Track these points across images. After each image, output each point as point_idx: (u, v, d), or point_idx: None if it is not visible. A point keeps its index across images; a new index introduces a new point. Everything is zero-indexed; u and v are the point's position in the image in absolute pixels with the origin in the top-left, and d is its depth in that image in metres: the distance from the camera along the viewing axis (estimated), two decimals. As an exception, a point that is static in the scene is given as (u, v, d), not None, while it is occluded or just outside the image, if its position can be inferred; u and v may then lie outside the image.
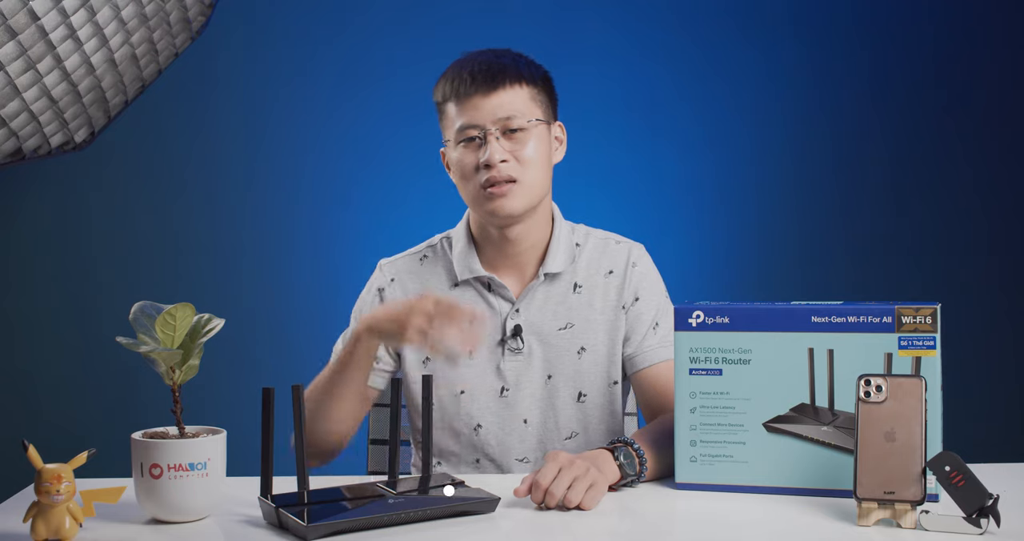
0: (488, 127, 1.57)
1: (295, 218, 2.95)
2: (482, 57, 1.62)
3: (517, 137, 1.59)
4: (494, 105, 1.58)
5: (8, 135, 2.29)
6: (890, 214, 3.05)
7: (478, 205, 1.61)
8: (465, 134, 1.59)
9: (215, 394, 2.59)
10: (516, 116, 1.58)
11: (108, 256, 2.91)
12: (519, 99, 1.59)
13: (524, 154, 1.58)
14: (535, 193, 1.61)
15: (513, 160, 1.58)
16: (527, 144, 1.59)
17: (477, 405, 1.65)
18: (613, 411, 1.68)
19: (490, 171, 1.57)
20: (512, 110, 1.58)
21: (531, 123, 1.59)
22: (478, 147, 1.58)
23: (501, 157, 1.57)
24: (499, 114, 1.58)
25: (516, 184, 1.58)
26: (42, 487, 1.14)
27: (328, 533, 1.18)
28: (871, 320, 1.32)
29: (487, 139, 1.57)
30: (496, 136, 1.57)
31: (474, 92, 1.58)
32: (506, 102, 1.58)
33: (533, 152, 1.59)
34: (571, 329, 1.66)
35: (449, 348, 1.40)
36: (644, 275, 1.69)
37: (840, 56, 3.03)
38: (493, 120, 1.57)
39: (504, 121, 1.58)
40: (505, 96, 1.58)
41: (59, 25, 2.11)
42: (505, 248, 1.66)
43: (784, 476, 1.35)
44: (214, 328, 1.27)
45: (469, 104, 1.58)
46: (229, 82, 2.93)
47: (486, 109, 1.58)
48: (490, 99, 1.58)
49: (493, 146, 1.57)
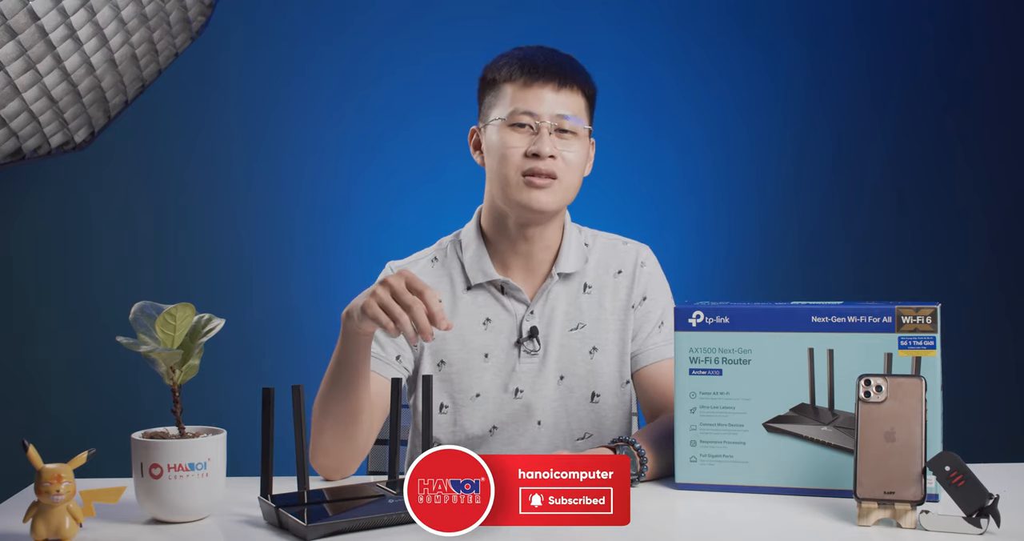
0: (545, 120, 1.58)
1: (295, 218, 2.95)
2: (554, 53, 1.63)
3: (567, 138, 1.59)
4: (558, 101, 1.59)
5: (8, 135, 2.29)
6: (890, 214, 3.05)
7: (511, 192, 1.59)
8: (519, 119, 1.58)
9: (215, 394, 2.60)
10: (573, 118, 1.60)
11: (108, 256, 2.91)
12: (579, 104, 1.61)
13: (569, 156, 1.59)
14: (569, 195, 1.62)
15: (560, 158, 1.58)
16: (573, 148, 1.59)
17: (492, 407, 1.65)
18: (625, 411, 1.68)
19: (536, 161, 1.57)
20: (573, 111, 1.60)
21: (583, 129, 1.61)
22: (528, 134, 1.58)
23: (551, 151, 1.57)
24: (559, 111, 1.59)
25: (556, 181, 1.58)
26: (42, 487, 1.14)
27: (328, 533, 1.19)
28: (871, 320, 1.32)
29: (540, 130, 1.58)
30: (550, 130, 1.58)
31: (544, 82, 1.59)
32: (569, 102, 1.60)
33: (576, 157, 1.60)
34: (582, 329, 1.66)
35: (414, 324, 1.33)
36: (652, 275, 1.70)
37: (840, 56, 3.03)
38: (552, 115, 1.58)
39: (561, 119, 1.59)
40: (570, 97, 1.60)
41: (59, 25, 2.11)
42: (519, 247, 1.65)
43: (784, 476, 1.35)
44: (214, 328, 1.27)
45: (533, 92, 1.58)
46: (229, 82, 2.93)
47: (549, 102, 1.58)
48: (557, 94, 1.59)
49: (546, 138, 1.57)
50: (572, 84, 1.60)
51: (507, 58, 1.63)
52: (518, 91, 1.59)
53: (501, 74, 1.62)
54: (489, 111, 1.63)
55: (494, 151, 1.61)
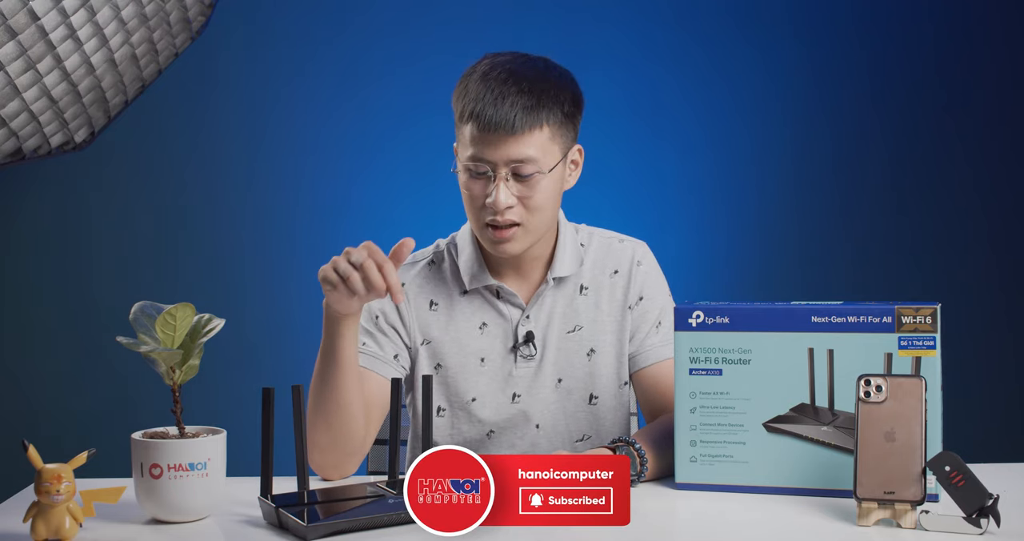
0: (500, 168, 1.50)
1: (295, 218, 2.95)
2: (512, 80, 1.51)
3: (527, 182, 1.51)
4: (511, 149, 1.49)
5: (8, 135, 2.29)
6: (890, 214, 3.05)
7: (480, 236, 1.58)
8: (475, 166, 1.51)
9: (215, 394, 2.60)
10: (530, 162, 1.50)
11: (108, 256, 2.91)
12: (538, 144, 1.51)
13: (532, 201, 1.52)
14: (539, 234, 1.57)
15: (519, 205, 1.52)
16: (536, 189, 1.52)
17: (489, 412, 1.64)
18: (624, 412, 1.68)
19: (494, 214, 1.52)
20: (529, 155, 1.50)
21: (545, 170, 1.52)
22: (487, 181, 1.52)
23: (507, 203, 1.50)
24: (513, 156, 1.50)
25: (520, 228, 1.54)
26: (42, 487, 1.14)
27: (328, 533, 1.19)
28: (871, 320, 1.32)
29: (496, 180, 1.50)
30: (506, 178, 1.51)
31: (493, 130, 1.48)
32: (524, 147, 1.50)
33: (542, 198, 1.52)
34: (579, 331, 1.65)
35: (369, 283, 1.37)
36: (648, 274, 1.68)
37: (840, 56, 3.03)
38: (506, 161, 1.50)
39: (518, 165, 1.50)
40: (530, 138, 1.50)
41: (59, 25, 2.11)
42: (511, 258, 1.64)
43: (784, 476, 1.35)
44: (214, 328, 1.27)
45: (485, 139, 1.49)
46: (229, 82, 2.93)
47: (502, 150, 1.49)
48: (508, 143, 1.49)
49: (501, 190, 1.50)
50: (526, 125, 1.49)
51: (463, 89, 1.54)
52: (474, 135, 1.50)
53: (457, 108, 1.54)
54: (457, 142, 1.57)
55: (462, 189, 1.57)
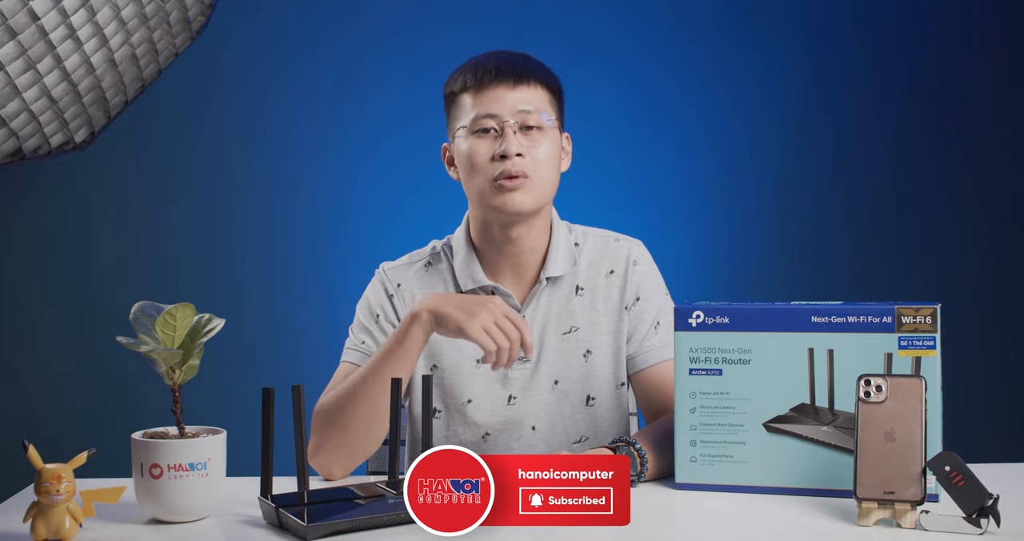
0: (507, 119, 1.56)
1: (295, 218, 2.95)
2: (504, 54, 1.61)
3: (533, 135, 1.57)
4: (517, 98, 1.57)
5: (8, 135, 2.29)
6: (890, 214, 3.05)
7: (487, 199, 1.58)
8: (481, 124, 1.57)
9: (215, 394, 2.59)
10: (534, 112, 1.57)
11: (108, 256, 2.91)
12: (540, 98, 1.59)
13: (538, 153, 1.57)
14: (545, 192, 1.59)
15: (528, 157, 1.56)
16: (542, 144, 1.57)
17: (484, 414, 1.64)
18: (622, 413, 1.67)
19: (505, 163, 1.55)
20: (534, 105, 1.57)
21: (548, 122, 1.59)
22: (493, 139, 1.57)
23: (518, 150, 1.55)
24: (520, 107, 1.57)
25: (528, 180, 1.56)
26: (42, 487, 1.14)
27: (328, 533, 1.19)
28: (871, 320, 1.32)
29: (504, 131, 1.56)
30: (514, 130, 1.56)
31: (498, 83, 1.57)
32: (529, 97, 1.57)
33: (547, 153, 1.58)
34: (576, 333, 1.65)
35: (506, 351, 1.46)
36: (645, 273, 1.68)
37: (840, 56, 3.03)
38: (513, 113, 1.56)
39: (524, 115, 1.57)
40: (528, 92, 1.58)
41: (59, 25, 2.11)
42: (506, 250, 1.63)
43: (784, 476, 1.35)
44: (214, 328, 1.27)
45: (490, 95, 1.57)
46: (229, 82, 2.93)
47: (508, 101, 1.56)
48: (514, 92, 1.57)
49: (511, 138, 1.55)
50: (529, 79, 1.58)
51: (460, 69, 1.62)
52: (476, 97, 1.58)
53: (457, 85, 1.61)
54: (454, 123, 1.62)
55: (464, 161, 1.59)
